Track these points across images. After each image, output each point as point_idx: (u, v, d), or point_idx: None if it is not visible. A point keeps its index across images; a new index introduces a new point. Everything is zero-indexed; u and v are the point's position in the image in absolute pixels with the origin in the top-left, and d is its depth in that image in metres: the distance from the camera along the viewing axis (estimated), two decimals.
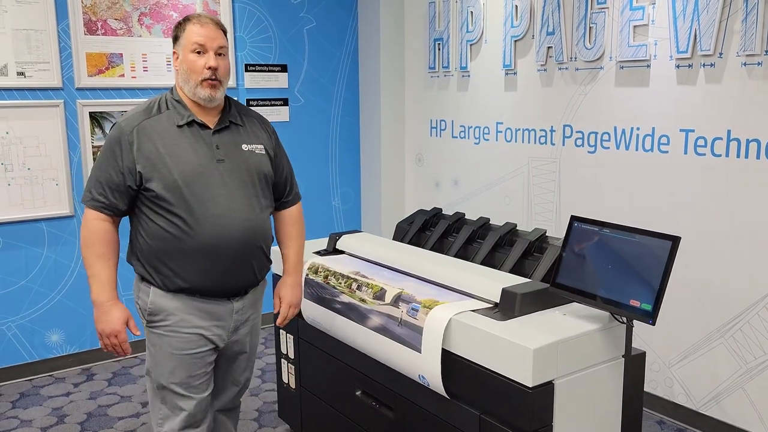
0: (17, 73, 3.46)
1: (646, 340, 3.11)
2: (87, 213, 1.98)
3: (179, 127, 1.98)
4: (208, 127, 2.02)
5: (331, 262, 2.54)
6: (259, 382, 3.60)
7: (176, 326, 2.02)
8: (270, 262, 2.20)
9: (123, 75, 3.76)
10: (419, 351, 1.98)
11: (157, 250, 1.98)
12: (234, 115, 2.09)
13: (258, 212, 2.06)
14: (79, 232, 2.03)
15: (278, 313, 2.29)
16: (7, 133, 3.46)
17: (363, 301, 2.25)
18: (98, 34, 3.66)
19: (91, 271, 1.97)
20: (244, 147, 2.06)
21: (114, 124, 2.02)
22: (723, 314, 2.86)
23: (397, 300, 2.13)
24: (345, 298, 2.33)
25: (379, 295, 2.21)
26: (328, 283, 2.43)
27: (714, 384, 2.93)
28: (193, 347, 2.04)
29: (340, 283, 2.38)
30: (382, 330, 2.14)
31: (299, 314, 2.59)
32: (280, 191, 2.22)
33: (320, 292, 2.46)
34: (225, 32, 2.05)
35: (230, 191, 2.00)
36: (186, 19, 2.02)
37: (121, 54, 3.73)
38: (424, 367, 1.98)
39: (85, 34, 3.62)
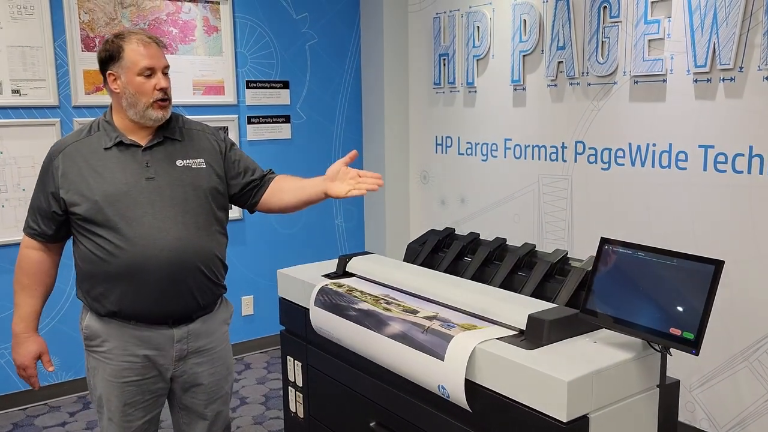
0: (12, 91, 3.35)
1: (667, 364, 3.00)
2: (22, 240, 2.02)
3: (106, 149, 1.93)
4: (138, 145, 1.95)
5: (356, 284, 2.43)
6: (263, 410, 3.47)
7: (111, 353, 1.98)
8: (221, 287, 2.09)
9: None
10: (442, 359, 1.86)
11: (88, 273, 1.95)
12: (171, 130, 2.02)
13: (194, 231, 1.96)
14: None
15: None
16: (1, 152, 3.35)
17: (387, 310, 2.13)
18: (96, 51, 3.56)
19: (15, 301, 2.01)
20: (179, 163, 1.99)
21: None
22: (747, 336, 2.76)
23: (432, 318, 2.03)
24: (364, 306, 2.22)
25: (410, 311, 2.10)
26: (350, 293, 2.31)
27: (738, 409, 2.82)
28: (129, 375, 1.98)
29: (365, 296, 2.26)
30: (401, 337, 2.00)
31: (307, 338, 2.48)
32: (257, 182, 2.15)
33: (335, 299, 2.32)
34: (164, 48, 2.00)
35: (160, 210, 1.92)
36: (120, 38, 1.93)
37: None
38: (446, 375, 1.84)
39: (82, 50, 3.53)
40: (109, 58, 1.93)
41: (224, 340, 2.15)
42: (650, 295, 1.71)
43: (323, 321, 2.35)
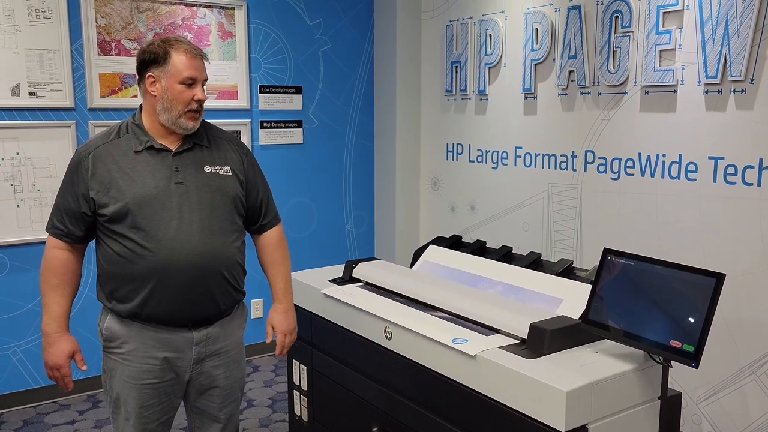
0: (29, 93, 3.41)
1: (673, 375, 2.98)
2: (47, 240, 2.00)
3: (137, 152, 1.95)
4: (168, 150, 1.97)
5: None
6: (269, 412, 3.49)
7: (130, 355, 1.99)
8: (240, 293, 2.12)
9: (136, 96, 3.71)
10: (485, 335, 1.98)
11: (112, 274, 1.96)
12: (200, 136, 2.04)
13: (218, 236, 1.98)
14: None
15: (273, 342, 2.25)
16: (17, 153, 3.40)
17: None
18: (112, 55, 3.62)
19: (44, 301, 1.98)
20: (207, 169, 2.01)
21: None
22: (755, 349, 2.74)
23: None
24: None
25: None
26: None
27: (746, 422, 2.80)
28: (147, 377, 1.99)
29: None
30: (449, 319, 2.15)
31: (312, 342, 2.49)
32: (256, 215, 2.16)
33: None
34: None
35: (187, 214, 1.94)
36: (167, 43, 1.96)
37: (135, 75, 3.67)
38: (476, 335, 1.96)
39: (98, 54, 3.58)
40: (152, 60, 1.96)
41: (240, 344, 2.18)
42: (652, 307, 1.71)
43: (348, 288, 2.45)
